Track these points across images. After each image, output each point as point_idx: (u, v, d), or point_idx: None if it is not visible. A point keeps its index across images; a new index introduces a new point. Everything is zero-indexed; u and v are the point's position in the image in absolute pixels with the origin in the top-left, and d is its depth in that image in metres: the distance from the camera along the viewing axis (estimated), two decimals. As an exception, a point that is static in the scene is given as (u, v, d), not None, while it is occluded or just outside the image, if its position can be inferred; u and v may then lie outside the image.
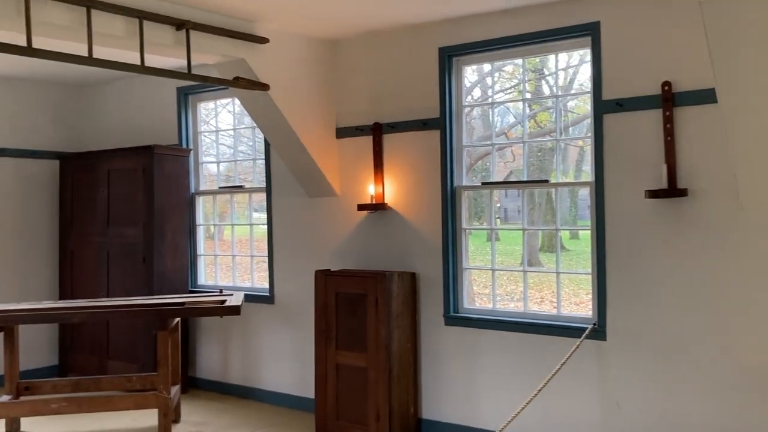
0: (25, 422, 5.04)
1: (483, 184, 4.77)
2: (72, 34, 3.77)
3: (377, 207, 4.92)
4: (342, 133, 5.16)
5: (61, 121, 6.83)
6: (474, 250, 4.72)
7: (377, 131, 4.96)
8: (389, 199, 4.94)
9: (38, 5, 3.50)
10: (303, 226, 5.41)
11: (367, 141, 5.03)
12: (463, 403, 4.64)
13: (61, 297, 6.54)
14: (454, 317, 4.65)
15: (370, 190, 4.98)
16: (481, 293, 8.23)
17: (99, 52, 3.83)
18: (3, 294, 6.28)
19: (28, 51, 3.45)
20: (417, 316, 4.80)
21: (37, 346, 6.44)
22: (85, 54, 3.75)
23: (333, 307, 4.75)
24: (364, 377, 4.60)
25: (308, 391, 5.27)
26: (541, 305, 9.58)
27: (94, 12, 3.71)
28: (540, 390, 4.01)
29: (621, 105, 3.99)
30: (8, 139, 6.41)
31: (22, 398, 4.94)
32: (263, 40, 4.57)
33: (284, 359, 5.53)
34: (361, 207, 4.97)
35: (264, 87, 4.59)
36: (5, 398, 4.81)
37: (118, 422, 5.12)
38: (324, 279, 4.81)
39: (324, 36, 5.03)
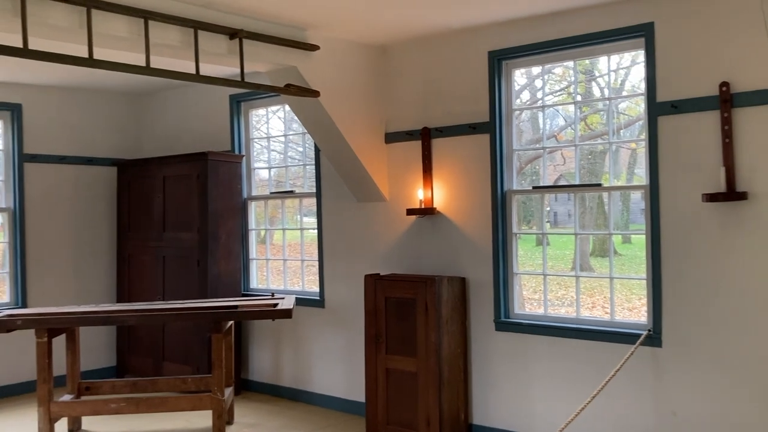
0: (86, 421, 5.22)
1: (534, 188, 4.73)
2: (130, 44, 3.89)
3: (426, 211, 4.92)
4: (391, 138, 5.19)
5: (119, 129, 7.04)
6: (522, 255, 4.68)
7: (426, 136, 4.97)
8: (438, 203, 4.94)
9: (99, 18, 3.62)
10: (352, 230, 5.45)
11: (415, 145, 5.04)
12: (514, 409, 4.60)
13: (119, 300, 6.73)
14: (505, 323, 4.62)
15: (419, 195, 4.99)
16: (530, 298, 8.14)
17: (156, 62, 3.94)
18: (63, 297, 6.52)
19: (91, 62, 3.57)
20: (467, 321, 4.78)
21: (95, 348, 6.65)
22: (143, 64, 3.87)
23: (383, 312, 4.77)
24: (414, 382, 4.61)
25: (359, 395, 5.31)
26: (592, 311, 9.42)
27: (151, 23, 3.82)
28: (593, 397, 3.95)
29: (676, 107, 3.91)
30: (69, 147, 6.65)
31: (83, 398, 5.11)
32: (314, 48, 4.63)
33: (334, 363, 5.58)
34: (410, 211, 4.98)
35: (314, 94, 4.64)
36: (67, 397, 4.98)
37: (173, 423, 5.24)
38: (374, 283, 4.83)
39: (373, 42, 5.07)
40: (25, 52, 3.32)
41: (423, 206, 4.95)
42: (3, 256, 6.41)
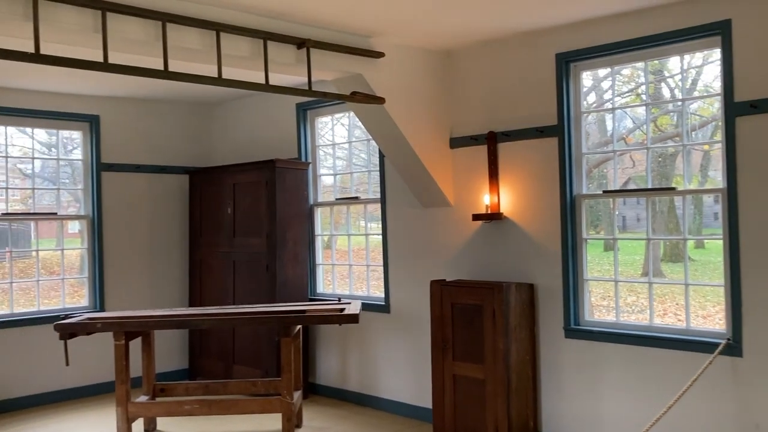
0: (161, 421, 5.38)
1: (604, 192, 4.63)
2: (203, 56, 4.01)
3: (492, 217, 4.88)
4: (456, 142, 5.17)
5: (191, 138, 7.27)
6: (590, 261, 4.58)
7: (492, 140, 4.93)
8: (505, 208, 4.89)
9: (174, 32, 3.75)
10: (417, 236, 5.46)
11: (481, 150, 5.01)
12: (584, 418, 4.50)
13: (191, 304, 6.93)
14: (575, 330, 4.53)
15: (485, 200, 4.95)
16: (598, 305, 7.95)
17: (227, 73, 4.05)
18: (138, 301, 6.75)
19: (166, 74, 3.70)
20: (535, 328, 4.72)
21: (169, 351, 6.86)
22: (215, 75, 3.98)
23: (449, 318, 4.76)
24: (481, 389, 4.57)
25: (425, 401, 5.30)
26: (664, 318, 9.13)
27: (222, 35, 3.93)
28: (670, 407, 3.83)
29: (756, 107, 3.76)
30: (143, 156, 6.90)
31: (158, 399, 5.27)
32: (379, 55, 4.66)
33: (401, 368, 5.58)
34: (476, 217, 4.95)
35: (380, 100, 4.68)
36: (143, 398, 5.15)
37: (243, 425, 5.35)
38: (440, 289, 4.82)
39: (438, 47, 5.07)
40: (105, 66, 3.47)
41: (489, 211, 4.91)
42: (82, 261, 6.69)
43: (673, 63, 5.12)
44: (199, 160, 7.29)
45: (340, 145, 6.58)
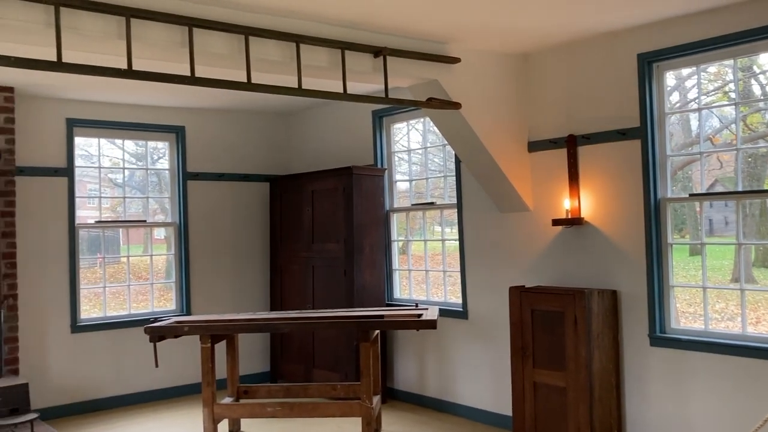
0: (244, 423, 5.54)
1: (690, 195, 4.47)
2: (283, 67, 4.12)
3: (573, 221, 4.79)
4: (534, 146, 5.11)
5: (271, 147, 7.46)
6: (674, 266, 4.43)
7: (571, 143, 4.85)
8: (586, 213, 4.79)
9: (256, 44, 3.87)
10: (495, 241, 5.41)
11: (560, 154, 4.93)
12: (672, 429, 4.34)
13: (272, 308, 7.11)
14: (661, 338, 4.38)
15: (565, 205, 4.86)
16: (684, 312, 7.65)
17: (306, 83, 4.14)
18: (221, 305, 6.98)
19: (250, 86, 3.82)
20: (619, 335, 4.59)
21: (251, 354, 7.05)
22: (295, 85, 4.08)
23: (529, 324, 4.69)
24: (563, 397, 4.48)
25: (505, 408, 5.24)
26: (756, 326, 8.69)
27: (302, 46, 4.03)
28: (766, 421, 3.64)
29: None
30: (227, 165, 7.13)
31: (242, 401, 5.42)
32: (455, 60, 4.66)
33: (479, 375, 5.54)
34: (556, 222, 4.87)
35: (456, 106, 4.67)
36: (228, 400, 5.31)
37: (323, 428, 5.43)
38: (519, 295, 4.76)
39: (515, 51, 5.02)
40: (193, 80, 3.62)
41: (570, 216, 4.82)
42: (168, 266, 6.97)
43: (764, 59, 4.89)
44: (279, 168, 7.47)
45: (415, 151, 6.60)
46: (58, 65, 3.20)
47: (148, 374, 6.45)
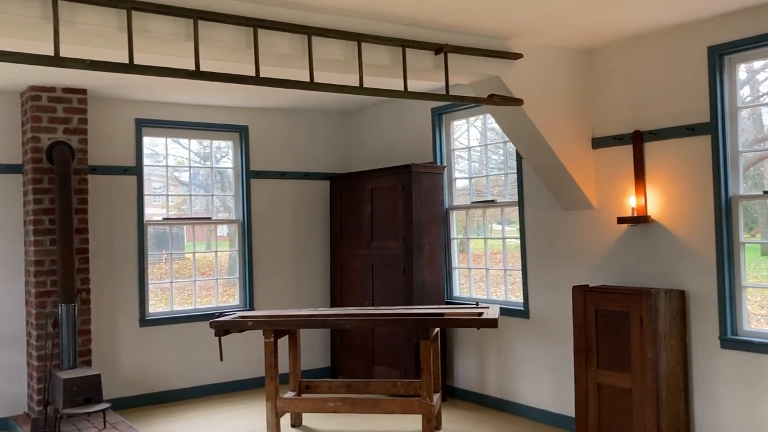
0: (306, 417, 5.62)
1: (764, 192, 4.30)
2: (345, 66, 4.15)
3: (639, 220, 4.67)
4: (598, 143, 5.00)
5: (332, 146, 7.54)
6: (746, 266, 4.27)
7: (637, 139, 4.73)
8: (652, 211, 4.66)
9: (319, 44, 3.91)
10: (557, 239, 5.33)
11: (626, 150, 4.82)
12: (744, 435, 4.19)
13: (332, 305, 7.18)
14: (733, 340, 4.23)
15: (631, 202, 4.75)
16: (756, 314, 7.36)
17: (367, 81, 4.17)
18: (283, 301, 7.10)
19: (313, 86, 3.87)
20: (687, 337, 4.46)
21: (312, 349, 7.15)
22: (356, 84, 4.11)
23: (593, 324, 4.60)
24: (628, 399, 4.38)
25: (567, 409, 5.16)
26: (834, 329, 8.29)
27: (363, 45, 4.05)
28: None
29: None
30: (289, 163, 7.25)
31: (304, 396, 5.51)
32: (517, 56, 4.61)
33: (541, 375, 5.47)
34: (621, 220, 4.76)
35: (518, 102, 4.62)
36: (290, 394, 5.40)
37: (383, 424, 5.46)
38: (582, 295, 4.68)
39: (578, 46, 4.93)
40: (258, 80, 3.69)
41: (635, 214, 4.70)
42: (231, 263, 7.13)
43: None
44: (339, 167, 7.54)
45: (474, 148, 6.56)
46: (131, 67, 3.31)
47: (213, 368, 6.62)
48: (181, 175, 7.05)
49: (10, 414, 5.77)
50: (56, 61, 3.13)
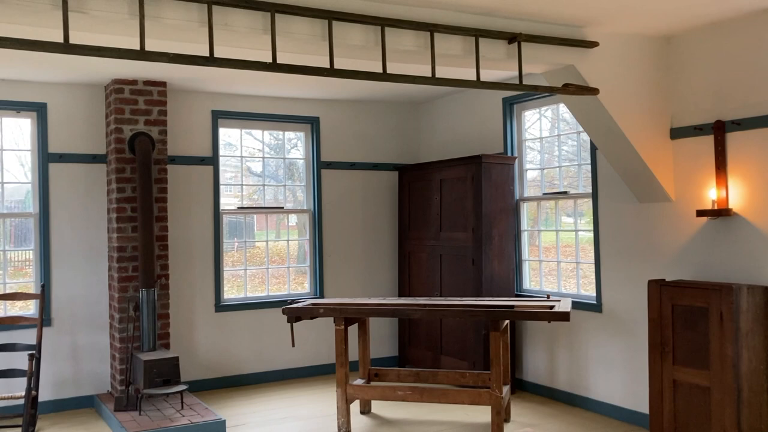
0: (375, 404, 5.70)
1: None
2: (417, 57, 4.16)
3: (720, 213, 4.50)
4: (677, 133, 4.85)
5: (400, 136, 7.57)
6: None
7: (719, 129, 4.55)
8: (734, 203, 4.49)
9: (391, 35, 3.93)
10: (632, 232, 5.20)
11: (706, 141, 4.65)
12: (832, 439, 4.01)
13: (400, 294, 7.23)
14: (821, 339, 4.04)
15: (711, 195, 4.58)
16: None
17: (438, 72, 4.17)
18: (352, 289, 7.19)
19: (385, 76, 3.89)
20: (771, 334, 4.28)
21: (380, 338, 7.22)
22: (427, 75, 4.12)
23: (669, 320, 4.48)
24: (706, 397, 4.25)
25: (640, 405, 5.05)
26: None
27: (436, 35, 4.05)
28: None
29: None
30: (357, 154, 7.32)
31: (373, 383, 5.58)
32: (592, 45, 4.51)
33: (613, 370, 5.37)
34: (701, 213, 4.60)
35: (593, 91, 4.52)
36: (359, 382, 5.48)
37: (451, 414, 5.48)
38: (658, 289, 4.56)
39: (657, 33, 4.78)
40: (332, 72, 3.74)
41: (716, 207, 4.54)
42: (299, 251, 7.26)
43: None
44: (407, 157, 7.56)
45: (546, 139, 6.46)
46: (211, 60, 3.42)
47: (284, 353, 6.78)
48: (253, 165, 7.21)
49: (95, 392, 6.07)
50: (142, 55, 3.26)
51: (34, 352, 5.17)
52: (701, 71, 4.69)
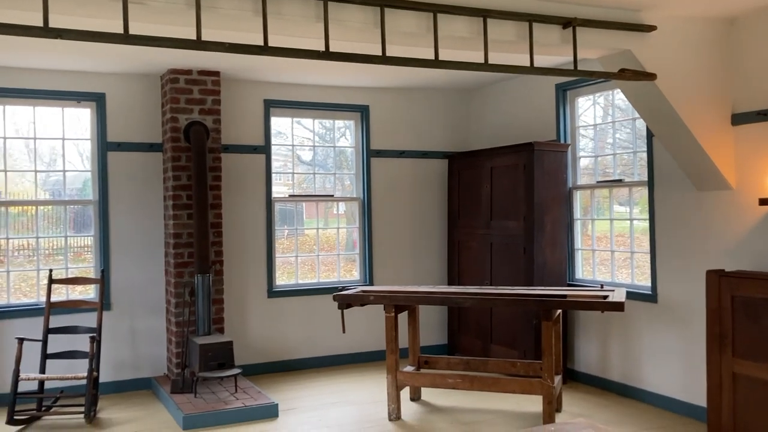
0: (425, 392, 5.71)
1: None
2: (470, 43, 4.12)
3: (784, 201, 4.35)
4: (739, 119, 4.69)
5: (450, 124, 7.53)
6: None
7: (784, 115, 4.39)
8: (800, 191, 4.33)
9: (444, 21, 3.90)
10: (690, 221, 5.07)
11: (771, 127, 4.49)
12: None
13: (449, 283, 7.21)
14: None
15: (775, 182, 4.43)
16: None
17: (490, 57, 4.11)
18: (400, 277, 7.20)
19: (437, 63, 3.87)
20: (837, 327, 4.13)
21: (429, 326, 7.23)
22: (479, 61, 4.07)
23: (728, 311, 4.36)
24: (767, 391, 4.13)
25: (697, 398, 4.94)
26: None
27: (489, 21, 4.00)
28: None
29: None
30: (408, 142, 7.31)
31: (423, 371, 5.60)
32: (650, 28, 4.39)
33: (669, 361, 5.26)
34: (763, 201, 4.44)
35: (651, 77, 4.41)
36: (409, 369, 5.50)
37: (502, 403, 5.46)
38: (717, 280, 4.43)
39: (718, 15, 4.62)
40: (384, 59, 3.74)
41: (780, 195, 4.38)
42: (347, 239, 7.31)
43: None
44: (457, 145, 7.52)
45: (599, 126, 6.33)
46: (266, 49, 3.45)
47: (335, 339, 6.85)
48: (303, 154, 7.27)
49: (152, 374, 6.26)
50: (199, 44, 3.31)
51: (95, 334, 5.35)
52: (765, 54, 4.52)
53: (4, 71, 5.81)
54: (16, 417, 5.12)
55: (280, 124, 6.98)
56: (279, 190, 6.99)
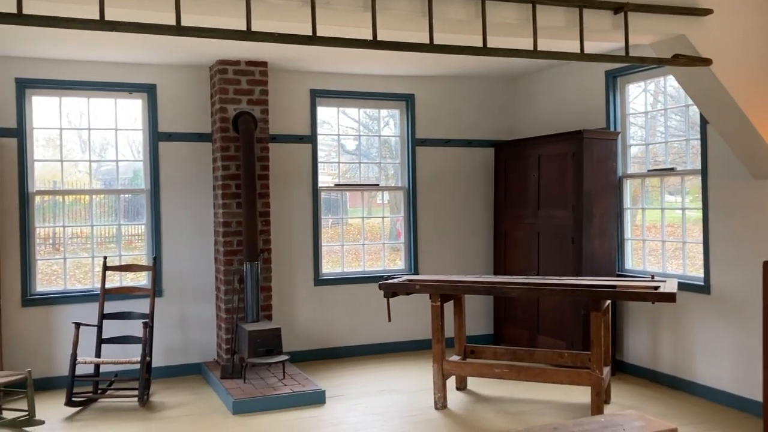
0: (471, 381, 5.71)
1: None
2: (519, 30, 4.07)
3: None
4: (799, 105, 4.53)
5: (496, 112, 7.46)
6: None
7: None
8: None
9: (492, 8, 3.86)
10: (745, 210, 4.93)
11: (833, 113, 4.32)
12: None
13: (495, 273, 7.17)
14: None
15: (838, 171, 4.27)
16: None
17: (540, 44, 4.05)
18: (446, 266, 7.19)
19: (486, 51, 3.82)
20: None
21: (475, 316, 7.21)
22: (528, 48, 4.01)
23: (786, 303, 4.23)
24: (827, 386, 4.00)
25: (752, 392, 4.82)
26: None
27: (538, 7, 3.94)
28: None
29: None
30: (453, 130, 7.28)
31: (469, 360, 5.59)
32: (706, 12, 4.26)
33: (722, 354, 5.14)
34: (825, 190, 4.30)
35: (706, 62, 4.28)
36: (455, 358, 5.50)
37: (549, 394, 5.41)
38: (775, 270, 4.30)
39: (778, -3, 4.46)
40: (431, 47, 3.71)
41: (842, 183, 4.22)
42: (391, 228, 7.32)
43: None
44: (504, 134, 7.45)
45: (650, 114, 6.18)
46: (314, 39, 3.46)
47: (380, 327, 6.89)
48: (347, 143, 7.30)
49: (202, 360, 6.40)
50: (249, 35, 3.34)
51: (147, 320, 5.49)
52: (828, 37, 4.35)
53: (59, 64, 5.98)
54: (74, 399, 5.30)
55: (325, 113, 7.02)
56: (324, 179, 7.03)
